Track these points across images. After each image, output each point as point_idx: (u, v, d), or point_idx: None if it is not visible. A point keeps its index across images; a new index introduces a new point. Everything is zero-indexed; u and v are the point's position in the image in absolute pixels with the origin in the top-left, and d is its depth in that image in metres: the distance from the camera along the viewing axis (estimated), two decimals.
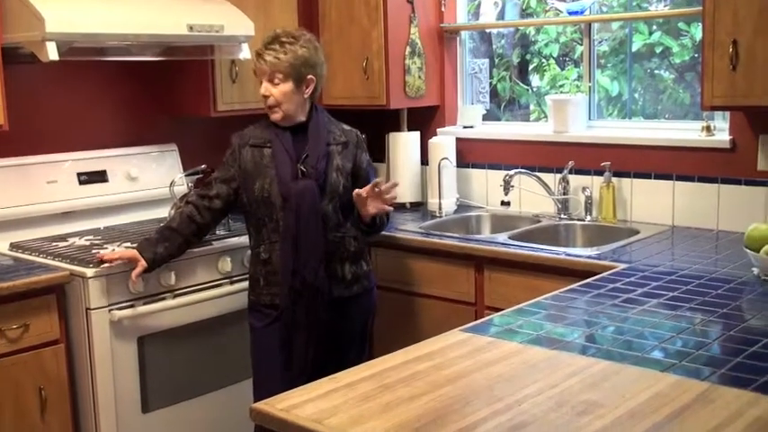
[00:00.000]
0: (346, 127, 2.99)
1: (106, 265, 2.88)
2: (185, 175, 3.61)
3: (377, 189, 2.78)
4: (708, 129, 3.34)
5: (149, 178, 3.66)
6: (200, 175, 3.71)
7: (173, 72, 3.69)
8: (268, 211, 2.84)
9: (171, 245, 2.94)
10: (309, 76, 2.85)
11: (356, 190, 2.80)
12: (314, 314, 2.83)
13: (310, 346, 2.85)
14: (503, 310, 2.36)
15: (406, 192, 4.05)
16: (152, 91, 3.77)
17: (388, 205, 2.83)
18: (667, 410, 1.61)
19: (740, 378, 1.77)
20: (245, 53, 3.45)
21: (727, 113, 3.28)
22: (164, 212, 3.46)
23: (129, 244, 3.09)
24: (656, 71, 3.97)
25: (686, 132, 3.45)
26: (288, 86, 2.82)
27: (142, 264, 2.87)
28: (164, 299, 3.04)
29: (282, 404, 1.70)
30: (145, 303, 2.98)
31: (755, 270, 2.62)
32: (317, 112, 2.93)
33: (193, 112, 3.70)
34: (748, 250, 2.61)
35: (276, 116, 2.87)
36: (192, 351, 3.15)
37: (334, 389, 1.77)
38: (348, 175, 2.90)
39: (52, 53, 2.86)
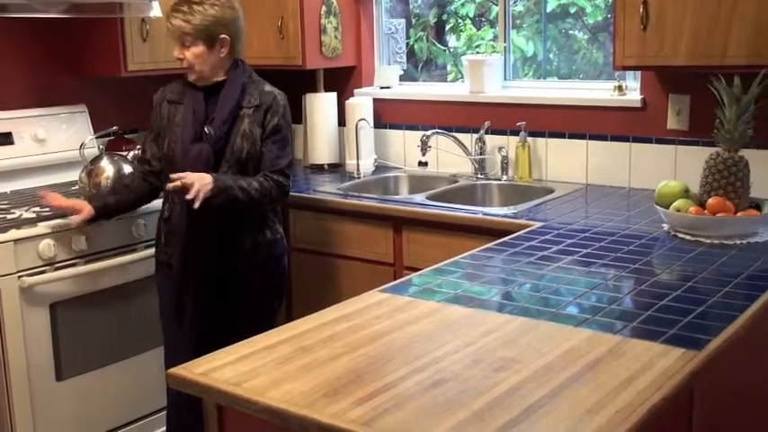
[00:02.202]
0: (267, 89, 2.84)
1: (49, 201, 2.84)
2: (96, 137, 3.51)
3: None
4: (620, 88, 3.40)
5: (58, 140, 3.54)
6: (112, 137, 3.62)
7: (81, 31, 3.56)
8: (171, 169, 2.75)
9: (123, 198, 2.91)
10: (222, 36, 2.75)
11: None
12: (206, 278, 2.78)
13: (202, 310, 2.81)
14: (421, 269, 2.38)
15: (323, 153, 4.03)
16: (60, 51, 3.63)
17: (189, 197, 2.63)
18: (581, 364, 1.64)
19: (650, 331, 1.82)
20: (155, 11, 3.35)
21: (639, 73, 3.34)
22: (74, 176, 3.36)
23: (38, 208, 2.99)
24: (571, 31, 4.01)
25: (599, 92, 3.51)
26: (199, 49, 2.73)
27: (89, 210, 2.82)
28: (75, 264, 2.96)
29: (200, 368, 1.68)
30: (56, 269, 2.90)
31: (665, 226, 2.69)
32: (235, 71, 2.81)
33: (103, 72, 3.59)
34: (658, 207, 2.68)
35: (192, 77, 2.79)
36: (107, 317, 3.09)
37: (252, 351, 1.75)
38: (257, 140, 2.77)
39: None
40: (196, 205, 2.60)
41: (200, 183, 2.61)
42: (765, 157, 3.02)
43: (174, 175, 2.63)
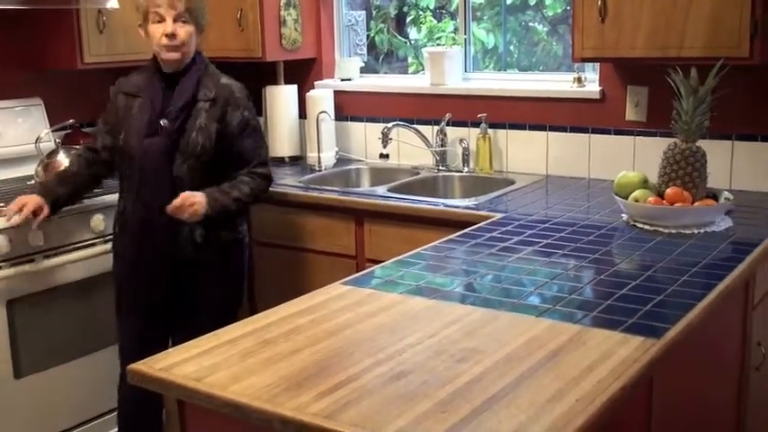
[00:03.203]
0: (224, 81, 2.80)
1: (16, 220, 2.75)
2: (52, 131, 3.46)
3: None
4: (579, 80, 3.42)
5: (13, 134, 3.47)
6: (69, 131, 3.57)
7: (36, 23, 3.49)
8: (127, 163, 2.73)
9: (73, 189, 2.88)
10: (203, 23, 2.78)
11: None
12: (156, 274, 2.76)
13: (152, 307, 2.80)
14: (383, 262, 2.38)
15: (284, 146, 4.01)
16: (14, 43, 3.56)
17: (186, 216, 2.66)
18: (542, 353, 1.66)
19: (610, 320, 1.84)
20: (112, 3, 3.30)
21: (597, 65, 3.37)
22: (30, 170, 3.32)
23: None
24: (530, 24, 4.03)
25: (559, 84, 3.53)
26: (191, 28, 2.72)
27: (46, 210, 2.78)
28: (33, 260, 2.92)
29: (161, 363, 1.66)
30: (12, 265, 2.86)
31: (624, 216, 2.72)
32: (194, 63, 2.78)
33: (59, 65, 3.52)
34: (617, 197, 2.71)
35: (175, 55, 2.71)
36: (66, 313, 3.05)
37: (214, 346, 1.74)
38: (212, 135, 2.72)
39: None
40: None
41: (191, 210, 2.64)
42: (722, 147, 3.07)
43: (169, 208, 2.63)
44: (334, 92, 3.96)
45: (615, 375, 1.55)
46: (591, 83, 3.43)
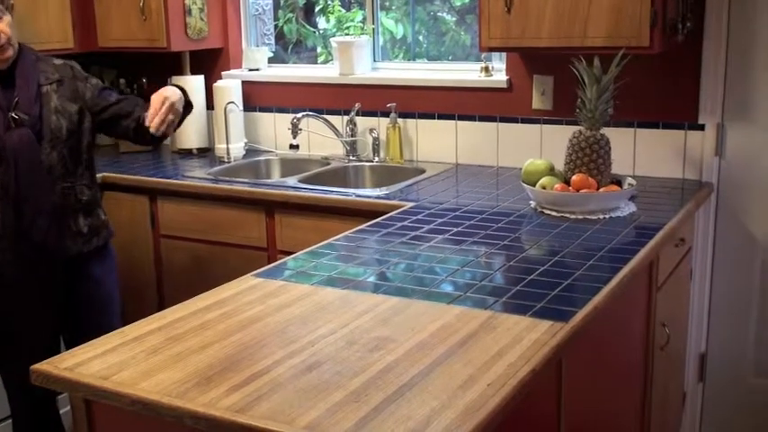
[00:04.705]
0: (58, 61, 2.69)
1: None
2: None
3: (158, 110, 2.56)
4: (486, 70, 3.46)
5: None
6: None
7: None
8: None
9: None
10: (12, 2, 2.59)
11: (146, 122, 2.55)
12: (47, 279, 2.64)
13: (43, 317, 2.67)
14: (295, 253, 2.36)
15: (191, 138, 3.94)
16: None
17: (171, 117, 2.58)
18: (454, 340, 1.67)
19: (520, 305, 1.86)
20: None
21: (504, 55, 3.41)
22: None
23: None
24: (439, 14, 4.05)
25: (467, 73, 3.56)
26: (8, 18, 2.56)
27: None
28: None
29: (66, 363, 1.61)
30: None
31: (532, 203, 2.76)
32: (21, 51, 2.62)
33: None
34: (525, 184, 2.75)
35: (9, 53, 2.55)
36: None
37: (121, 343, 1.70)
38: (73, 115, 2.63)
39: None
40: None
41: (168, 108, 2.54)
42: (625, 134, 3.14)
43: (153, 125, 2.52)
44: (242, 82, 3.91)
45: (525, 359, 1.57)
46: (498, 72, 3.47)
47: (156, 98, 2.56)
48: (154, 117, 2.54)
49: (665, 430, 2.90)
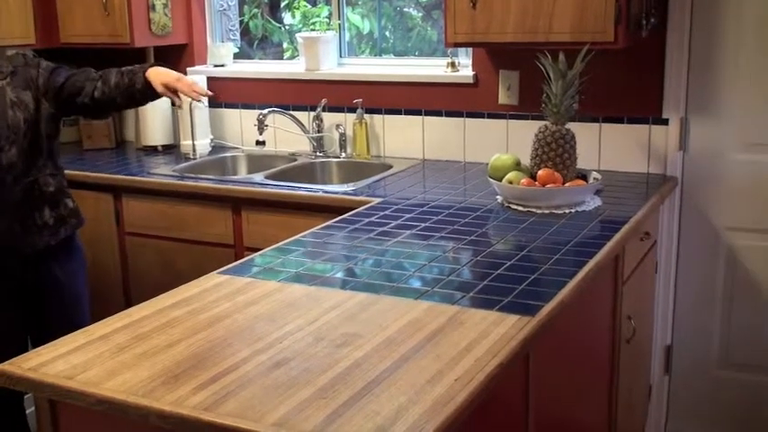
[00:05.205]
0: (10, 52, 2.64)
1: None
2: None
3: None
4: (453, 65, 3.47)
5: None
6: None
7: None
8: None
9: None
10: None
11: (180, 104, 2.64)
12: (12, 278, 2.60)
13: (9, 316, 2.63)
14: (262, 250, 2.34)
15: (156, 134, 3.90)
16: None
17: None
18: (422, 335, 1.67)
19: (487, 300, 1.87)
20: None
21: (470, 50, 3.42)
22: None
23: None
24: (405, 9, 4.05)
25: (433, 69, 3.56)
26: None
27: None
28: None
29: (29, 363, 1.59)
30: None
31: (499, 198, 2.77)
32: None
33: None
34: (492, 180, 2.76)
35: None
36: None
37: (86, 342, 1.68)
38: (30, 105, 2.56)
39: None
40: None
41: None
42: (590, 129, 3.17)
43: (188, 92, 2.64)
44: (208, 78, 3.88)
45: (492, 353, 1.58)
46: (464, 68, 3.47)
47: (168, 81, 2.64)
48: (191, 94, 2.64)
49: (631, 422, 2.93)
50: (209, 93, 2.72)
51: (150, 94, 2.69)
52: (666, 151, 3.10)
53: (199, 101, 2.66)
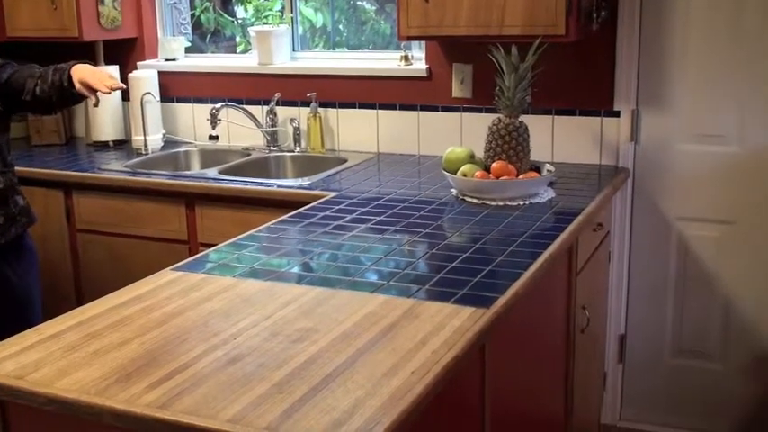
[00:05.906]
0: None
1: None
2: None
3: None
4: (406, 58, 3.47)
5: None
6: None
7: None
8: None
9: None
10: None
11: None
12: None
13: None
14: (217, 245, 2.32)
15: (107, 130, 3.85)
16: None
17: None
18: (378, 328, 1.67)
19: (443, 292, 1.87)
20: None
21: (424, 43, 3.42)
22: None
23: None
24: (358, 3, 4.04)
25: (387, 62, 3.56)
26: None
27: None
28: None
29: None
30: None
31: (454, 191, 2.78)
32: None
33: None
34: (446, 172, 2.77)
35: None
36: None
37: (36, 341, 1.64)
38: None
39: None
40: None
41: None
42: (543, 122, 3.19)
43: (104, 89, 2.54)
44: (159, 72, 3.84)
45: (448, 346, 1.58)
46: (418, 61, 3.48)
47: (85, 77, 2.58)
48: (101, 88, 2.57)
49: (587, 410, 2.97)
50: (122, 85, 2.65)
51: (76, 92, 2.64)
52: (618, 143, 3.13)
53: (108, 93, 2.59)
